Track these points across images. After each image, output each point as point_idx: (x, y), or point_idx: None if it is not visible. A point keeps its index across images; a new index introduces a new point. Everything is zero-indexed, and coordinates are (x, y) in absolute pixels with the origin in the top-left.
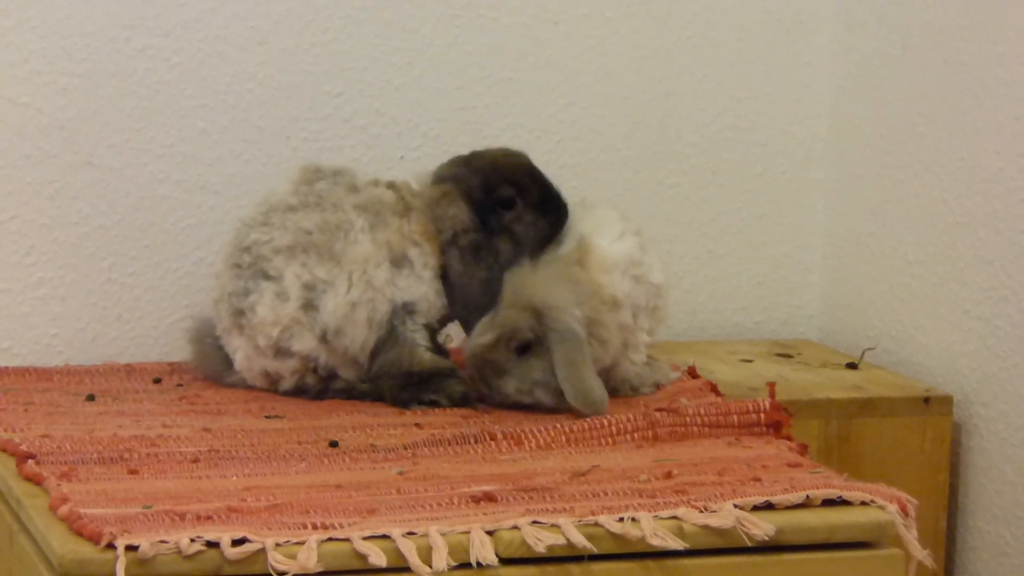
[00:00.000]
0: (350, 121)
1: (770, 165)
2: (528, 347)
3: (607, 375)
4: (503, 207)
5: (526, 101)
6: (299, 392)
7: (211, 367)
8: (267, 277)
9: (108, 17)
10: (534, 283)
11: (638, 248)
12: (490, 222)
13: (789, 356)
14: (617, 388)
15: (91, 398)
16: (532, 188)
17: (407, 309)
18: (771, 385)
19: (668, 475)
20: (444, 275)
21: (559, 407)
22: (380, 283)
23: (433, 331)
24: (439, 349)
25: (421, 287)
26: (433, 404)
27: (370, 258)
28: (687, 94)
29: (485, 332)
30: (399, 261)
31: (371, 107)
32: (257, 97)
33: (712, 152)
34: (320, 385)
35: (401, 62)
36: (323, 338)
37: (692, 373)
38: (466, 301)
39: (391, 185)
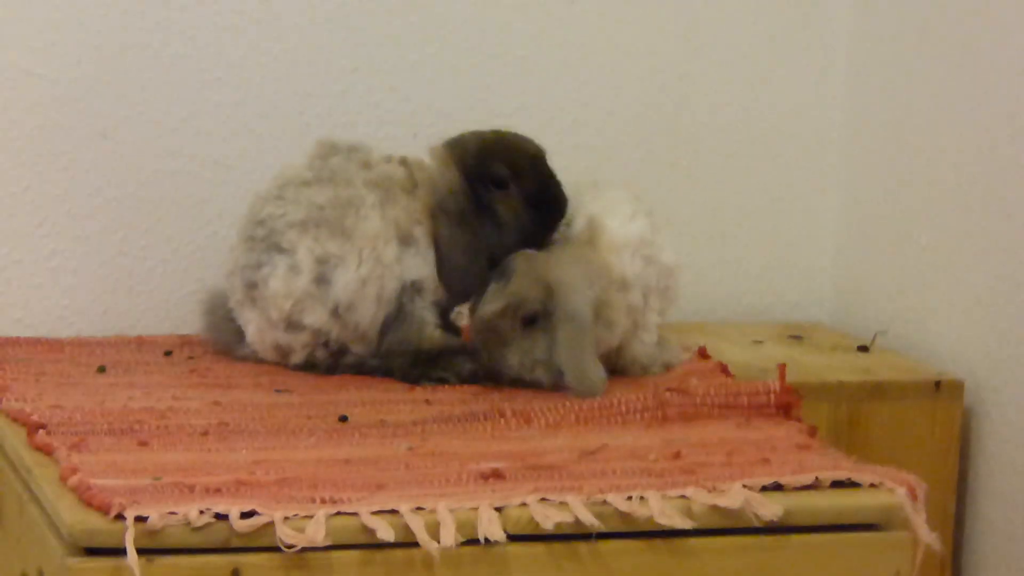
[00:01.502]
0: (364, 97)
1: (784, 148)
2: (535, 320)
3: (616, 355)
4: (495, 185)
5: (540, 80)
6: (309, 367)
7: (223, 339)
8: (280, 251)
9: None
10: (549, 259)
11: (649, 229)
12: (480, 195)
13: (800, 339)
14: (627, 368)
15: (102, 370)
16: (529, 177)
17: (415, 287)
18: (781, 367)
19: (677, 455)
20: (436, 239)
21: (557, 386)
22: (389, 260)
23: (444, 309)
24: (449, 327)
25: (427, 266)
26: (442, 381)
27: (379, 235)
28: (702, 76)
29: (494, 299)
30: (406, 239)
31: (385, 84)
32: (271, 72)
33: (726, 134)
34: (330, 360)
35: (416, 39)
36: (335, 312)
37: (702, 354)
38: (451, 266)
39: (403, 161)
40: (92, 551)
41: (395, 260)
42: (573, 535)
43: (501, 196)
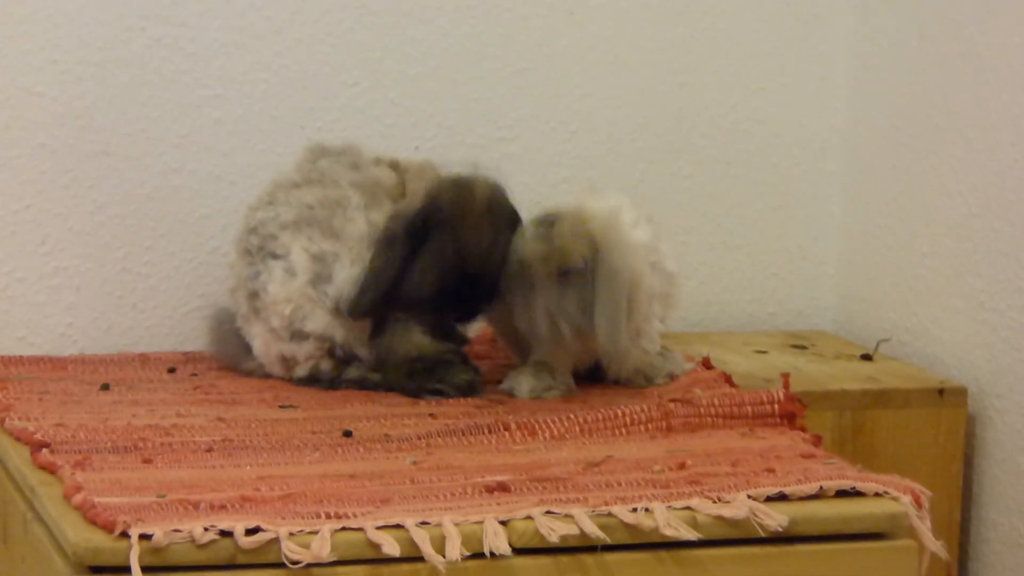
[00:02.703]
0: (365, 111)
1: (785, 157)
2: (568, 273)
3: (619, 365)
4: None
5: (541, 92)
6: (313, 380)
7: (229, 352)
8: (275, 256)
9: (124, 6)
10: (592, 214)
11: (652, 235)
12: (414, 240)
13: (803, 347)
14: (631, 379)
15: (106, 387)
16: (453, 264)
17: None
18: (785, 376)
19: (682, 466)
20: None
21: (570, 344)
22: None
23: (431, 317)
24: (449, 333)
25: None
26: (438, 394)
27: (364, 237)
28: (702, 85)
29: (538, 243)
30: None
31: (386, 97)
32: (272, 87)
33: (727, 143)
34: (334, 372)
35: (416, 52)
36: (336, 310)
37: (706, 364)
38: (361, 279)
39: (394, 165)
40: (97, 570)
41: None
42: (579, 547)
43: (431, 260)
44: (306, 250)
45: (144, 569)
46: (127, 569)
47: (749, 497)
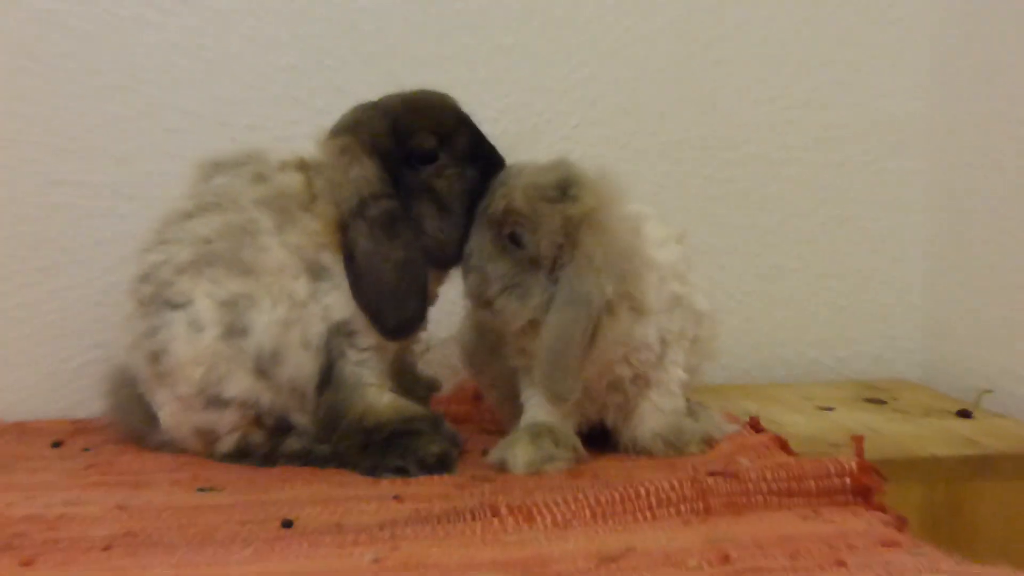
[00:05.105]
0: (305, 103)
1: (853, 152)
2: (518, 243)
3: (628, 426)
4: (422, 161)
5: (532, 74)
6: (242, 455)
7: (132, 421)
8: (173, 306)
9: None
10: (589, 219)
11: (682, 261)
12: (405, 180)
13: (882, 402)
14: (648, 446)
15: None
16: (459, 135)
17: (343, 330)
18: (858, 440)
19: (725, 559)
20: (350, 255)
21: (473, 303)
22: (303, 298)
23: (395, 362)
24: (409, 382)
25: (351, 300)
26: (401, 472)
27: (285, 267)
28: (742, 61)
29: (526, 194)
30: (316, 270)
31: (331, 84)
32: (185, 73)
33: (776, 136)
34: (268, 445)
35: (370, 27)
36: (259, 369)
37: (754, 425)
38: (378, 289)
39: (301, 165)
40: None
41: (309, 297)
42: None
43: (433, 171)
44: (211, 296)
45: None
46: None
47: None
